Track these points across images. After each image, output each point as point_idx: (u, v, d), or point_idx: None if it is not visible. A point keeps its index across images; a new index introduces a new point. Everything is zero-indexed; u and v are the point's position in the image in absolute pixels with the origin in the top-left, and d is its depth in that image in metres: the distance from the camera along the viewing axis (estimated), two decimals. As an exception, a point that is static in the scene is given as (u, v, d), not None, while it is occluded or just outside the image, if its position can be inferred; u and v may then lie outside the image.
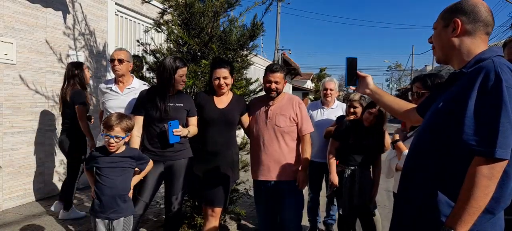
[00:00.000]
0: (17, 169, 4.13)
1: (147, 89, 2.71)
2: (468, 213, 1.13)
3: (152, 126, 2.57)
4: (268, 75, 2.64)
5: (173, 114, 2.55)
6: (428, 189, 1.30)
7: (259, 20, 3.40)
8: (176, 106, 2.59)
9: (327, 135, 3.21)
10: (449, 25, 1.34)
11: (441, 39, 1.38)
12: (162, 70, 2.55)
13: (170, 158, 2.60)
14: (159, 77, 2.59)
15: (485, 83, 1.15)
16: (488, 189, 1.12)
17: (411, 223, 1.36)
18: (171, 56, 2.64)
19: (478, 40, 1.30)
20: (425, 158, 1.33)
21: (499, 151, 1.10)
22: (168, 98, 2.56)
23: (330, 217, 3.69)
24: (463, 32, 1.31)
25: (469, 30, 1.30)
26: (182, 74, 2.58)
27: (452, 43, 1.34)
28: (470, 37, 1.31)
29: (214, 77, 2.64)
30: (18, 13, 4.03)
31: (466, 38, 1.31)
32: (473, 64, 1.26)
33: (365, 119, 2.79)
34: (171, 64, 2.53)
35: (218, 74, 2.61)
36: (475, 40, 1.30)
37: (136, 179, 2.38)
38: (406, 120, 1.73)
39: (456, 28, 1.31)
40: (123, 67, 3.00)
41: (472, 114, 1.15)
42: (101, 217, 2.23)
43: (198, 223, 3.27)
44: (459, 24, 1.31)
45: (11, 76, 3.99)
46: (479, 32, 1.30)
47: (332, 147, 2.98)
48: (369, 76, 1.77)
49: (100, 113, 3.33)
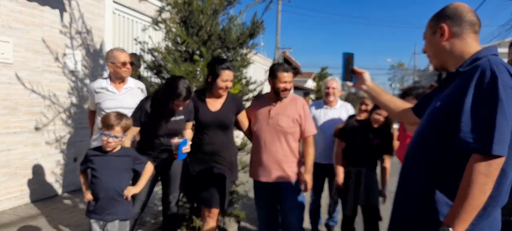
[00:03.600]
0: (14, 170, 4.08)
1: (148, 98, 2.59)
2: (466, 211, 1.14)
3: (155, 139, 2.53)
4: (282, 76, 2.53)
5: (174, 129, 2.52)
6: (427, 188, 1.31)
7: (259, 18, 3.36)
8: (177, 120, 2.55)
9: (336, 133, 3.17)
10: (437, 31, 1.38)
11: (432, 46, 1.43)
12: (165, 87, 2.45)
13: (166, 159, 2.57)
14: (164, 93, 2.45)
15: (481, 82, 1.18)
16: (486, 187, 1.13)
17: (410, 223, 1.37)
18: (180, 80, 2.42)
19: (468, 40, 1.33)
20: (423, 157, 1.34)
21: (496, 147, 1.11)
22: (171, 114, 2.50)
23: (331, 219, 3.65)
24: (451, 35, 1.35)
25: (456, 32, 1.34)
26: (178, 105, 2.42)
27: (443, 48, 1.38)
28: (459, 39, 1.34)
29: (221, 79, 2.50)
30: (15, 11, 3.97)
31: (455, 40, 1.35)
32: (469, 63, 1.29)
33: (374, 120, 2.73)
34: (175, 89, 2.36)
35: (227, 76, 2.51)
36: (465, 41, 1.34)
37: (138, 189, 2.32)
38: (402, 119, 1.79)
39: (444, 33, 1.36)
40: (131, 70, 3.01)
41: (469, 112, 1.17)
42: (96, 218, 2.20)
43: (197, 226, 3.23)
44: (445, 28, 1.35)
45: (7, 75, 3.93)
46: (467, 32, 1.33)
47: (338, 148, 2.93)
48: (366, 72, 1.76)
49: (90, 114, 3.24)
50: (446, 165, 1.26)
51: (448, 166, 1.26)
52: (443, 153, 1.27)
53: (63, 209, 4.08)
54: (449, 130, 1.22)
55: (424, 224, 1.31)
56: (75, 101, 4.80)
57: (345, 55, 1.76)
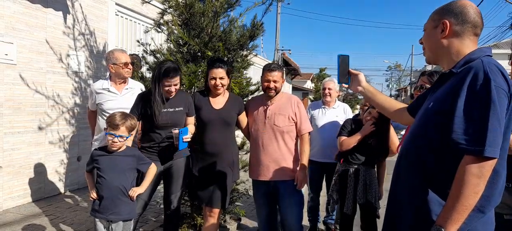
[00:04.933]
0: (17, 169, 4.14)
1: (144, 92, 2.67)
2: (458, 212, 1.14)
3: (153, 132, 2.55)
4: (266, 75, 2.62)
5: (172, 120, 2.53)
6: (419, 188, 1.31)
7: (259, 20, 3.39)
8: (176, 111, 2.56)
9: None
10: (438, 26, 1.35)
11: (430, 40, 1.40)
12: (152, 74, 2.55)
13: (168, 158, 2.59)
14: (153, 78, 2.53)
15: (474, 83, 1.17)
16: (478, 188, 1.13)
17: (403, 221, 1.37)
18: (165, 62, 2.55)
19: (467, 41, 1.31)
20: (416, 156, 1.34)
21: (488, 149, 1.11)
22: (166, 104, 2.51)
23: (330, 217, 3.70)
24: (451, 33, 1.32)
25: (457, 31, 1.31)
26: (168, 85, 2.45)
27: (441, 44, 1.36)
28: (459, 39, 1.32)
29: (210, 77, 2.60)
30: (19, 13, 4.04)
31: (454, 39, 1.33)
32: (463, 64, 1.27)
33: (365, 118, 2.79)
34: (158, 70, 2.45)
35: (214, 74, 2.58)
36: (464, 41, 1.31)
37: (142, 189, 2.35)
38: (397, 119, 1.74)
39: (445, 29, 1.33)
40: (132, 70, 3.05)
41: (462, 114, 1.16)
42: (100, 217, 2.23)
43: (198, 223, 3.27)
44: (448, 25, 1.32)
45: (11, 76, 4.00)
46: (468, 33, 1.31)
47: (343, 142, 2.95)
48: (361, 73, 1.77)
49: (90, 114, 3.26)
50: (438, 165, 1.26)
51: (440, 166, 1.26)
52: (436, 152, 1.27)
53: (66, 207, 4.14)
54: (442, 130, 1.22)
55: (417, 222, 1.31)
56: (78, 102, 4.86)
57: (340, 57, 1.78)
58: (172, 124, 2.52)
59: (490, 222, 1.29)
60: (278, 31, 19.07)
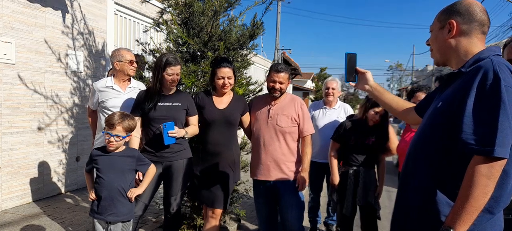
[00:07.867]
0: (16, 169, 4.12)
1: (144, 89, 2.69)
2: (467, 213, 1.13)
3: (149, 127, 2.56)
4: (273, 75, 2.61)
5: (168, 114, 2.52)
6: (428, 188, 1.29)
7: (259, 19, 3.38)
8: (173, 106, 2.56)
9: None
10: (445, 26, 1.34)
11: (438, 41, 1.39)
12: (153, 67, 2.56)
13: (168, 159, 2.57)
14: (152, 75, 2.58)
15: (484, 83, 1.15)
16: (487, 188, 1.12)
17: (411, 223, 1.36)
18: (166, 53, 2.60)
19: (475, 40, 1.30)
20: (425, 157, 1.33)
21: (498, 149, 1.10)
22: (162, 97, 2.53)
23: (330, 217, 3.68)
24: (459, 33, 1.31)
25: (465, 30, 1.30)
26: (171, 73, 2.50)
27: (449, 44, 1.34)
28: (466, 38, 1.31)
29: (218, 77, 2.59)
30: (17, 12, 4.01)
31: (462, 38, 1.31)
32: (472, 63, 1.26)
33: (370, 117, 2.77)
34: (160, 60, 2.51)
35: (223, 73, 2.57)
36: (471, 40, 1.30)
37: (141, 190, 2.33)
38: (404, 119, 1.73)
39: (452, 29, 1.32)
40: (136, 68, 3.06)
41: (471, 114, 1.15)
42: (99, 218, 2.21)
43: (198, 224, 3.26)
44: (455, 25, 1.31)
45: (10, 76, 3.97)
46: (475, 32, 1.30)
47: (332, 148, 2.97)
48: (368, 72, 1.75)
49: (91, 113, 3.25)
50: (447, 166, 1.25)
51: (449, 166, 1.24)
52: (444, 153, 1.25)
53: (65, 208, 4.12)
54: (450, 130, 1.21)
55: (425, 224, 1.30)
56: (77, 102, 4.84)
57: (348, 55, 1.75)
58: (167, 117, 2.51)
59: (499, 224, 1.27)
60: (278, 30, 19.06)
